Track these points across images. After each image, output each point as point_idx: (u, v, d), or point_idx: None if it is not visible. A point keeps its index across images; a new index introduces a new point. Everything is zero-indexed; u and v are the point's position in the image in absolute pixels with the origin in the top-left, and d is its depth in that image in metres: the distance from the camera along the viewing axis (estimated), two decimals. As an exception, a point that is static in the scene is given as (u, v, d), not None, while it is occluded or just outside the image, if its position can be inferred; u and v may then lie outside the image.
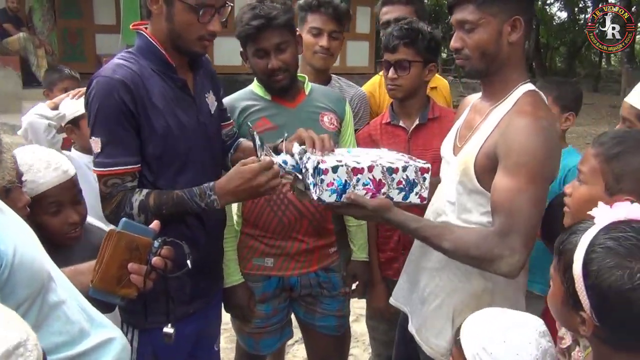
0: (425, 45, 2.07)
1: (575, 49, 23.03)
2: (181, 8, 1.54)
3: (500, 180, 1.45)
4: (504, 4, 1.50)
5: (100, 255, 1.24)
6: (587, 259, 0.96)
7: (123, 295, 1.26)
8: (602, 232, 0.98)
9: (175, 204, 1.57)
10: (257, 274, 2.05)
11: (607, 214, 1.01)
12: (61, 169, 1.61)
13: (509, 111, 1.52)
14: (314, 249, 2.06)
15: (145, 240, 1.27)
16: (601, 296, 0.93)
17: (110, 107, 1.52)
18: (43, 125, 2.43)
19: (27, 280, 1.00)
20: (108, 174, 1.55)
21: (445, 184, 1.70)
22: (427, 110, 2.17)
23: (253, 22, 1.86)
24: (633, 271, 0.90)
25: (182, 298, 1.71)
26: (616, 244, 0.94)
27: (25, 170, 1.53)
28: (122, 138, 1.54)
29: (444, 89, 2.69)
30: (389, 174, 1.53)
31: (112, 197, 1.56)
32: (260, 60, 1.92)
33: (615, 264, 0.92)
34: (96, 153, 1.55)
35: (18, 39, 8.31)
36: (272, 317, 2.10)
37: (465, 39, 1.55)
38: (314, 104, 2.06)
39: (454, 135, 1.75)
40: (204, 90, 1.75)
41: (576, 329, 1.03)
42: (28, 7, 8.93)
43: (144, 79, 1.57)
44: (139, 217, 1.54)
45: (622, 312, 0.91)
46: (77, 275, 1.26)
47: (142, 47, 1.63)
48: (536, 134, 1.42)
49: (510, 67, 1.57)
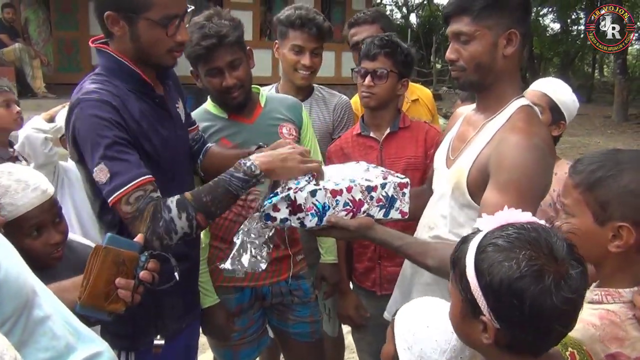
0: (402, 59, 2.12)
1: (569, 60, 23.20)
2: (146, 25, 1.44)
3: (490, 196, 1.43)
4: (500, 17, 1.50)
5: (87, 272, 1.22)
6: (478, 259, 1.00)
7: (111, 310, 1.24)
8: (488, 235, 1.03)
9: (212, 187, 1.45)
10: (230, 286, 2.04)
11: (490, 221, 1.06)
12: (40, 189, 1.52)
13: (503, 126, 1.52)
14: (282, 257, 2.06)
15: (132, 254, 1.26)
16: (495, 292, 0.96)
17: (104, 128, 1.39)
18: (40, 139, 2.42)
19: (13, 296, 0.98)
20: (126, 193, 1.38)
21: (437, 197, 1.69)
22: (398, 120, 2.19)
23: (203, 42, 1.81)
24: (519, 260, 0.94)
25: (174, 315, 1.71)
26: (502, 240, 0.99)
27: (2, 193, 1.45)
28: (127, 154, 1.41)
29: (426, 100, 2.70)
30: (368, 193, 1.53)
31: (143, 213, 1.38)
32: (214, 78, 1.89)
33: (503, 257, 0.96)
34: (107, 181, 1.38)
35: (14, 50, 8.33)
36: (248, 329, 2.10)
37: (460, 50, 1.55)
38: (272, 115, 2.06)
39: (446, 147, 1.74)
40: (174, 100, 1.69)
41: (479, 342, 1.03)
42: (24, 18, 8.97)
43: (123, 100, 1.46)
44: (180, 219, 1.40)
45: (516, 304, 0.94)
46: (61, 293, 1.23)
47: (112, 67, 1.51)
48: (528, 151, 1.42)
49: (505, 81, 1.57)
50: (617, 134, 12.36)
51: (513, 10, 1.51)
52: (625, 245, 1.20)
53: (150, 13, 1.43)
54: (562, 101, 2.21)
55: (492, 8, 1.49)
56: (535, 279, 0.93)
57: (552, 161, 1.52)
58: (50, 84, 8.90)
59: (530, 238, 0.98)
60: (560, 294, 0.93)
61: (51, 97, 8.29)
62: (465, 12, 1.51)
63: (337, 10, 11.90)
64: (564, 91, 2.26)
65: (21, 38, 8.77)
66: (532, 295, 0.93)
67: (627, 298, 1.23)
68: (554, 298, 0.92)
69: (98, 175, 1.39)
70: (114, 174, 1.38)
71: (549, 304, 0.93)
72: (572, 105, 2.26)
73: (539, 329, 0.96)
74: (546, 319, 0.94)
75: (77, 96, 1.45)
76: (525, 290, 0.93)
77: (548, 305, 0.93)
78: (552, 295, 0.93)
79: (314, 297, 2.22)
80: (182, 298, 1.72)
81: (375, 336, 2.20)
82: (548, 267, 0.94)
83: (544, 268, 0.94)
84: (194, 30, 1.83)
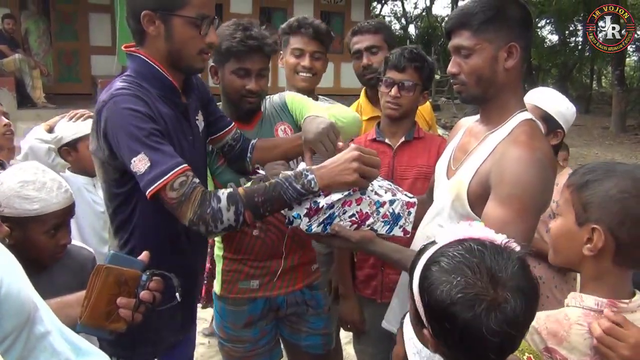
0: (427, 73, 2.17)
1: (567, 71, 23.32)
2: (181, 23, 1.49)
3: (491, 210, 1.44)
4: (500, 31, 1.51)
5: (89, 291, 1.22)
6: (422, 276, 1.01)
7: (112, 329, 1.23)
8: (438, 250, 1.02)
9: (268, 189, 1.44)
10: (244, 298, 2.03)
11: (448, 233, 1.06)
12: (69, 192, 1.62)
13: (505, 139, 1.52)
14: (297, 266, 2.06)
15: (134, 273, 1.26)
16: (432, 312, 0.97)
17: (139, 120, 1.41)
18: (44, 150, 2.42)
19: (14, 312, 0.96)
20: (171, 179, 1.39)
21: (437, 207, 1.69)
22: (413, 130, 2.22)
23: (248, 41, 1.85)
24: (452, 285, 0.94)
25: (173, 327, 1.70)
26: (446, 261, 0.98)
27: (39, 188, 1.53)
28: (164, 144, 1.43)
29: (423, 111, 2.70)
30: (376, 207, 1.54)
31: (190, 196, 1.39)
32: (240, 79, 1.90)
33: (442, 279, 0.96)
34: (146, 170, 1.38)
35: (14, 60, 8.34)
36: (260, 340, 2.08)
37: (461, 64, 1.56)
38: (269, 120, 2.07)
39: (448, 157, 1.74)
40: (195, 112, 1.71)
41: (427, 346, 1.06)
42: (24, 28, 9.00)
43: (152, 101, 1.49)
44: (228, 211, 1.40)
45: (448, 328, 0.94)
46: (64, 308, 1.23)
47: (142, 71, 1.54)
48: (530, 166, 1.42)
49: (507, 93, 1.57)
50: (615, 144, 12.39)
51: (513, 23, 1.52)
52: (594, 249, 1.21)
53: (184, 10, 1.48)
54: (554, 109, 2.20)
55: (491, 22, 1.50)
56: (466, 307, 0.92)
57: (554, 175, 1.53)
58: (49, 94, 8.91)
59: (472, 263, 0.96)
60: (490, 325, 0.91)
61: (51, 107, 8.29)
62: (466, 27, 1.53)
63: (336, 22, 11.98)
64: (554, 99, 2.25)
65: (21, 49, 8.79)
66: (464, 322, 0.92)
67: (587, 304, 1.24)
68: (484, 328, 0.91)
69: (137, 165, 1.39)
70: (155, 163, 1.38)
71: (480, 333, 0.91)
72: (566, 111, 2.24)
73: (471, 353, 0.96)
74: (478, 345, 0.93)
75: (109, 92, 1.47)
76: (458, 316, 0.92)
77: (479, 333, 0.91)
78: (482, 324, 0.91)
79: (327, 308, 2.21)
80: (182, 311, 1.71)
81: (377, 348, 2.19)
82: (482, 296, 0.92)
83: (477, 296, 0.92)
84: (236, 28, 1.87)
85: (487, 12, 1.50)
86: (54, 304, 1.19)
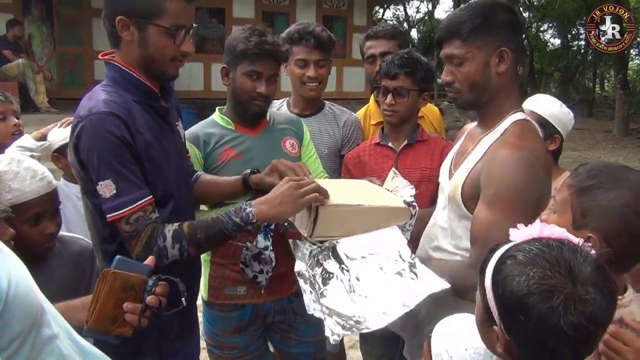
0: (422, 75, 2.17)
1: (569, 74, 23.27)
2: (155, 32, 1.48)
3: (479, 211, 1.46)
4: (488, 37, 1.53)
5: (95, 296, 1.23)
6: (496, 269, 1.00)
7: (118, 334, 1.24)
8: (512, 247, 1.02)
9: (209, 225, 1.51)
10: (231, 304, 2.03)
11: (521, 232, 1.05)
12: (46, 179, 1.59)
13: (496, 141, 1.54)
14: (284, 273, 2.02)
15: (140, 277, 1.26)
16: (505, 305, 0.96)
17: (113, 145, 1.42)
18: None
19: (22, 314, 0.97)
20: (129, 213, 1.43)
21: (439, 209, 1.72)
22: (417, 133, 2.24)
23: (265, 45, 1.89)
24: (529, 276, 0.93)
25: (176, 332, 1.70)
26: (522, 255, 0.97)
27: (11, 178, 1.52)
28: (132, 173, 1.45)
29: (432, 117, 2.69)
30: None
31: (140, 233, 1.45)
32: (251, 81, 1.94)
33: (518, 271, 0.95)
34: (111, 196, 1.42)
35: (17, 65, 8.37)
36: (249, 346, 2.09)
37: (454, 72, 1.59)
38: (275, 129, 2.09)
39: (450, 161, 1.77)
40: (175, 118, 1.71)
41: (495, 350, 1.04)
42: (27, 33, 9.03)
43: (130, 111, 1.49)
44: (172, 249, 1.46)
45: (523, 320, 0.92)
46: (69, 311, 1.23)
47: (118, 79, 1.54)
48: (514, 165, 1.43)
49: (501, 97, 1.59)
50: (618, 148, 12.36)
51: (501, 29, 1.54)
52: None
53: (160, 20, 1.48)
54: (551, 115, 2.21)
55: (479, 30, 1.53)
56: (543, 298, 0.91)
57: (545, 173, 1.53)
58: (53, 98, 8.94)
59: (550, 256, 0.95)
60: (568, 317, 0.89)
61: (54, 111, 8.32)
62: (455, 36, 1.56)
63: (338, 26, 11.99)
64: (551, 105, 2.26)
65: (24, 53, 8.82)
66: (539, 314, 0.90)
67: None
68: (561, 320, 0.89)
69: (103, 189, 1.42)
70: (120, 191, 1.42)
71: (555, 326, 0.89)
72: (564, 116, 2.25)
73: (544, 350, 0.94)
74: (552, 340, 0.91)
75: (88, 106, 1.47)
76: (533, 307, 0.91)
77: (554, 326, 0.90)
78: (559, 317, 0.89)
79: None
80: (185, 317, 1.71)
81: (384, 349, 2.19)
82: (561, 288, 0.91)
83: (555, 288, 0.91)
84: (252, 33, 1.91)
85: (475, 20, 1.52)
86: (60, 307, 1.20)
